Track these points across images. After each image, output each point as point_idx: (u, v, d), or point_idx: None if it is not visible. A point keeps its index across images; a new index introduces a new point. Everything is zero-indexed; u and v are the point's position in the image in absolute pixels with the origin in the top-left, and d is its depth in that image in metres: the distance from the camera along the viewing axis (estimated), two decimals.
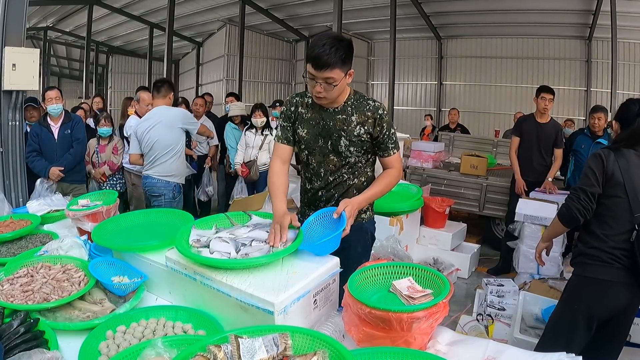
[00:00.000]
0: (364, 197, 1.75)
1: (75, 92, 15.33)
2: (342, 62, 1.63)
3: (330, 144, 1.82)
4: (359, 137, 1.78)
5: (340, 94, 1.76)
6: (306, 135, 1.85)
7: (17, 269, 1.56)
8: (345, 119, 1.78)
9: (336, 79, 1.65)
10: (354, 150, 1.80)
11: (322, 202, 1.91)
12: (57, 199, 2.47)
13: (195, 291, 1.38)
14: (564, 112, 9.24)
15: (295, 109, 1.87)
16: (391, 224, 3.43)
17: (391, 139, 1.82)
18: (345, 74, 1.68)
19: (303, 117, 1.85)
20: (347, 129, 1.78)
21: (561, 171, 4.31)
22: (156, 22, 12.43)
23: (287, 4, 10.70)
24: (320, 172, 1.88)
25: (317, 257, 1.43)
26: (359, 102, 1.80)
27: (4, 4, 3.13)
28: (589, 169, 1.87)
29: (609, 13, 7.81)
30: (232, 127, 5.11)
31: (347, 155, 1.82)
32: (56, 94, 3.73)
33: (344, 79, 1.69)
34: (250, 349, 0.94)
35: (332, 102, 1.77)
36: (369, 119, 1.77)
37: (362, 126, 1.77)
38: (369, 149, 1.84)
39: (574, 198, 1.88)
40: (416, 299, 1.21)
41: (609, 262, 1.80)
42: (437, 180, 5.06)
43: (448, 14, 10.21)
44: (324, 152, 1.84)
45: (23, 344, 1.14)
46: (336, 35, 1.69)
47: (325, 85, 1.66)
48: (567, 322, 1.90)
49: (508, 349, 1.21)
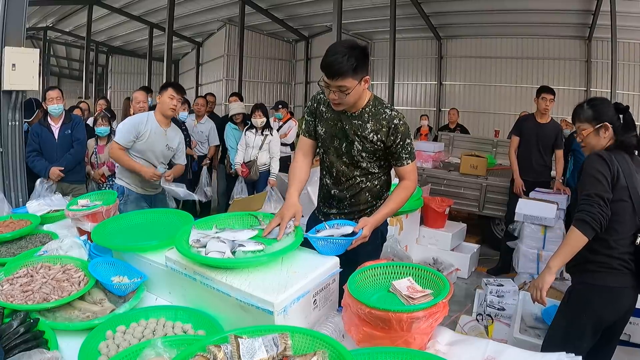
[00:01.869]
0: (380, 216, 1.77)
1: (75, 92, 15.29)
2: (353, 70, 1.64)
3: (345, 146, 1.85)
4: (372, 144, 1.80)
5: (358, 100, 1.77)
6: (323, 134, 1.90)
7: (17, 269, 1.56)
8: (360, 125, 1.80)
9: (349, 87, 1.66)
10: (365, 155, 1.83)
11: (335, 200, 1.95)
12: (57, 199, 2.48)
13: (195, 291, 1.38)
14: (563, 112, 9.21)
15: (318, 106, 1.92)
16: (391, 224, 3.43)
17: (405, 149, 1.81)
18: (360, 81, 1.68)
19: (323, 115, 1.89)
20: (361, 135, 1.80)
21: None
22: (156, 22, 12.41)
23: (287, 4, 10.69)
24: (333, 171, 1.92)
25: (317, 257, 1.44)
26: (376, 109, 1.81)
27: (4, 4, 3.13)
28: (598, 172, 1.74)
29: (609, 13, 7.80)
30: (232, 128, 5.10)
31: (359, 160, 1.84)
32: (57, 94, 3.73)
33: (358, 86, 1.69)
34: (250, 349, 0.94)
35: (349, 107, 1.78)
36: (383, 127, 1.78)
37: (375, 134, 1.79)
38: (382, 157, 1.86)
39: (594, 205, 1.69)
40: (416, 299, 1.21)
41: (619, 269, 1.74)
42: (437, 180, 5.06)
43: (448, 14, 10.21)
44: (338, 152, 1.88)
45: (23, 344, 1.15)
46: (351, 43, 1.69)
47: (339, 93, 1.68)
48: (575, 334, 1.81)
49: (507, 348, 1.21)
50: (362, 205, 1.93)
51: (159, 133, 3.01)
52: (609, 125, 1.83)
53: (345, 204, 1.93)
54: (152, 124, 3.00)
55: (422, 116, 8.66)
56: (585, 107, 1.89)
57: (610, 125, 1.83)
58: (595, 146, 1.86)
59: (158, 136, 3.01)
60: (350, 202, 1.93)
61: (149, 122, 2.99)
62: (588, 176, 1.76)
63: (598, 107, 1.87)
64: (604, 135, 1.84)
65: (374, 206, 1.93)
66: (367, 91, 1.80)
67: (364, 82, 1.71)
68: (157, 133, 3.00)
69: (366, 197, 1.91)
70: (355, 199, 1.91)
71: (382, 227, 1.96)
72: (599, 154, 1.80)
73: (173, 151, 3.14)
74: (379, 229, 1.90)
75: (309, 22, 11.79)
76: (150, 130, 2.98)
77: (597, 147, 1.86)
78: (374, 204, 1.93)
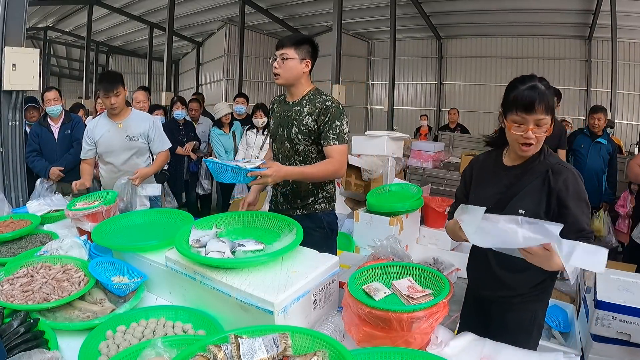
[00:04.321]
0: (295, 170, 1.90)
1: (75, 92, 15.28)
2: (295, 44, 1.94)
3: (286, 132, 2.03)
4: (306, 126, 1.96)
5: (295, 81, 1.99)
6: (272, 125, 2.15)
7: (17, 269, 1.56)
8: (298, 110, 2.00)
9: (289, 56, 1.94)
10: (302, 138, 1.98)
11: (280, 186, 2.10)
12: (57, 199, 2.48)
13: (195, 291, 1.38)
14: (563, 112, 9.23)
15: (272, 106, 2.21)
16: (391, 224, 3.42)
17: (333, 130, 1.93)
18: (301, 59, 1.95)
19: (274, 111, 2.16)
20: (299, 119, 1.98)
21: None
22: (156, 22, 12.41)
23: (287, 4, 10.70)
24: (279, 157, 2.10)
25: (317, 257, 1.44)
26: (314, 96, 2.00)
27: (4, 4, 3.13)
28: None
29: (609, 13, 7.81)
30: (218, 133, 5.01)
31: (297, 143, 2.00)
32: (54, 95, 3.72)
33: (297, 62, 1.95)
34: (250, 349, 0.94)
35: (286, 82, 1.99)
36: (317, 109, 1.95)
37: (310, 116, 1.96)
38: (317, 140, 1.99)
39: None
40: (416, 299, 1.21)
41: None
42: (437, 180, 5.06)
43: (448, 13, 10.21)
44: (282, 139, 2.06)
45: (23, 344, 1.15)
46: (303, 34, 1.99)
47: (279, 61, 1.96)
48: None
49: (505, 348, 1.22)
50: (303, 192, 2.05)
51: (112, 129, 2.78)
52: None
53: (288, 190, 2.07)
54: (102, 121, 2.80)
55: (421, 116, 8.66)
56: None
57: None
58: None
59: (112, 133, 2.78)
60: (292, 189, 2.06)
61: (99, 122, 2.81)
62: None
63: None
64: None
65: (315, 195, 2.06)
66: (309, 82, 2.03)
67: (305, 65, 1.97)
68: (110, 130, 2.78)
69: (307, 185, 2.04)
70: (297, 186, 2.05)
71: (327, 219, 2.10)
72: None
73: (139, 140, 2.84)
74: (323, 219, 2.08)
75: (309, 22, 11.78)
76: (104, 129, 2.77)
77: None
78: (315, 193, 2.06)
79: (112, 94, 2.68)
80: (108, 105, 2.73)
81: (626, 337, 1.84)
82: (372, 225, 3.28)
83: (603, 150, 4.06)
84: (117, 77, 2.76)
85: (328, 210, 2.11)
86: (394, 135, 4.00)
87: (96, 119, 2.92)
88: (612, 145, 4.14)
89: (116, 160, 2.85)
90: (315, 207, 2.07)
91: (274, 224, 1.64)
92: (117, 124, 2.81)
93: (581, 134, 4.24)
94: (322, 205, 2.09)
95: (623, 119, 9.73)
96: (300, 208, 2.07)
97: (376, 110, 13.26)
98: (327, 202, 2.11)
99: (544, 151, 1.48)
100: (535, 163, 1.47)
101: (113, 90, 2.68)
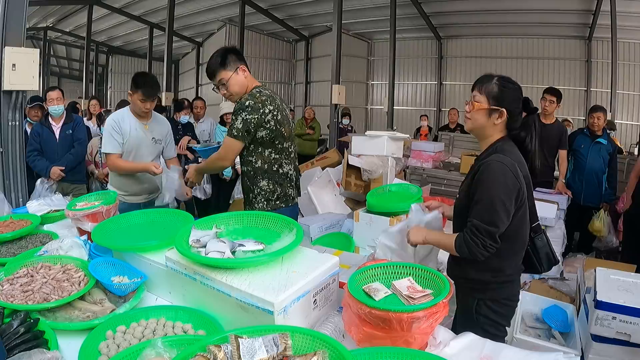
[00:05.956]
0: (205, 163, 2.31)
1: (75, 92, 15.28)
2: (221, 64, 2.09)
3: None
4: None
5: (244, 89, 2.14)
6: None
7: (17, 269, 1.56)
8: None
9: (225, 78, 2.10)
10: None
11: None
12: (57, 199, 2.48)
13: (195, 291, 1.38)
14: (563, 112, 9.23)
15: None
16: (391, 224, 3.42)
17: (232, 124, 2.08)
18: (234, 70, 2.08)
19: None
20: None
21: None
22: (156, 22, 12.43)
23: (287, 4, 10.71)
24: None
25: (317, 257, 1.44)
26: (248, 95, 2.12)
27: (4, 4, 3.13)
28: None
29: (609, 13, 7.81)
30: (222, 130, 4.94)
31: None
32: (58, 95, 3.74)
33: (235, 75, 2.10)
34: (250, 349, 0.94)
35: (238, 95, 2.14)
36: (235, 107, 2.10)
37: (233, 114, 2.12)
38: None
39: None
40: (416, 299, 1.21)
41: None
42: (437, 180, 5.05)
43: (448, 14, 10.22)
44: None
45: (23, 344, 1.14)
46: (220, 49, 2.15)
47: (222, 87, 2.13)
48: None
49: (505, 348, 1.22)
50: (245, 189, 2.19)
51: (139, 128, 2.77)
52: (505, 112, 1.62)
53: (243, 190, 2.26)
54: (131, 119, 2.75)
55: (421, 116, 8.66)
56: (494, 82, 1.66)
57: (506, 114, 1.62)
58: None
59: (140, 133, 2.76)
60: (242, 188, 2.25)
61: (126, 117, 2.75)
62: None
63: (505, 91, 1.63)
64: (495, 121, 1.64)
65: (252, 192, 2.18)
66: (253, 82, 2.16)
67: (241, 71, 2.10)
68: (137, 130, 2.75)
69: (246, 182, 2.19)
70: (243, 184, 2.22)
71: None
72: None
73: (161, 143, 2.88)
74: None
75: (309, 22, 11.80)
76: (130, 126, 2.74)
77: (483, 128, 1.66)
78: (251, 189, 2.18)
79: (150, 100, 2.69)
80: (142, 108, 2.70)
81: (626, 337, 1.84)
82: (372, 226, 3.27)
83: (603, 150, 4.06)
84: (158, 84, 2.81)
85: (267, 210, 2.14)
86: (394, 135, 3.99)
87: (121, 114, 2.79)
88: (612, 145, 4.14)
89: (139, 161, 2.78)
90: (255, 205, 2.19)
91: (274, 224, 1.64)
92: (143, 124, 2.79)
93: (581, 134, 4.24)
94: (260, 205, 2.18)
95: (623, 119, 9.74)
96: (248, 204, 2.22)
97: (376, 110, 13.26)
98: (266, 201, 2.17)
99: (497, 148, 1.60)
100: (480, 158, 1.64)
101: (152, 97, 2.71)
